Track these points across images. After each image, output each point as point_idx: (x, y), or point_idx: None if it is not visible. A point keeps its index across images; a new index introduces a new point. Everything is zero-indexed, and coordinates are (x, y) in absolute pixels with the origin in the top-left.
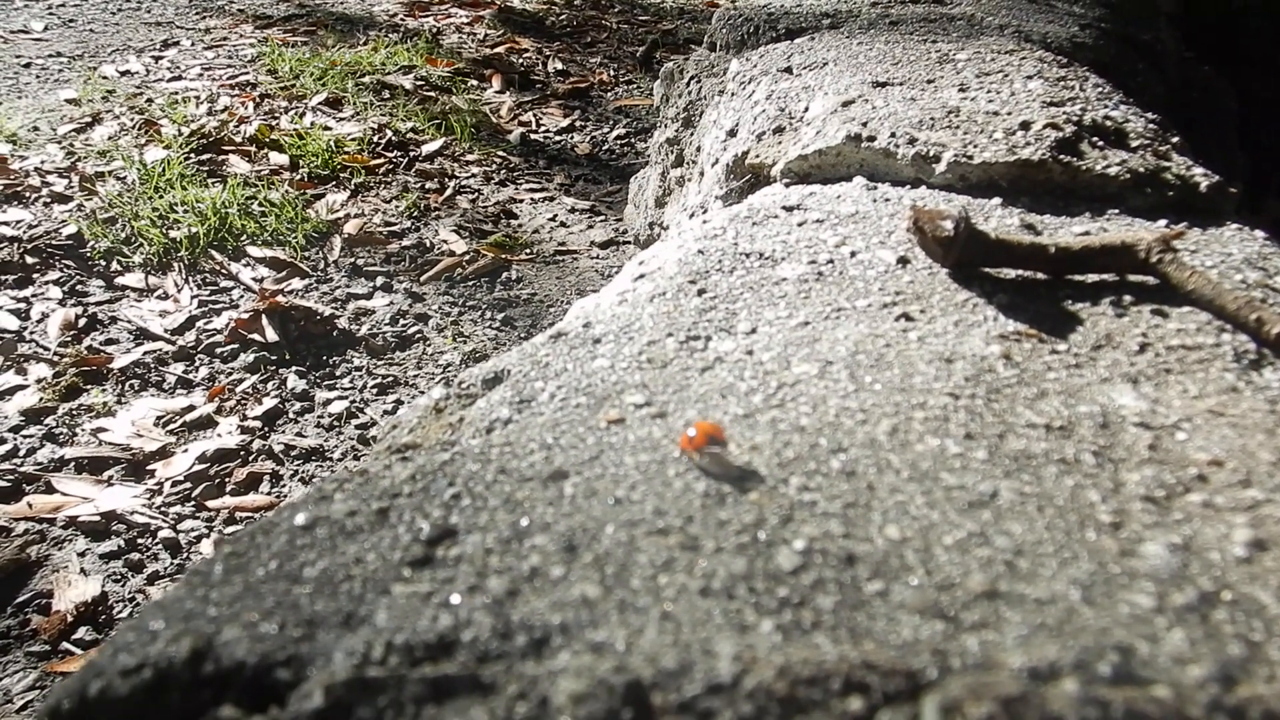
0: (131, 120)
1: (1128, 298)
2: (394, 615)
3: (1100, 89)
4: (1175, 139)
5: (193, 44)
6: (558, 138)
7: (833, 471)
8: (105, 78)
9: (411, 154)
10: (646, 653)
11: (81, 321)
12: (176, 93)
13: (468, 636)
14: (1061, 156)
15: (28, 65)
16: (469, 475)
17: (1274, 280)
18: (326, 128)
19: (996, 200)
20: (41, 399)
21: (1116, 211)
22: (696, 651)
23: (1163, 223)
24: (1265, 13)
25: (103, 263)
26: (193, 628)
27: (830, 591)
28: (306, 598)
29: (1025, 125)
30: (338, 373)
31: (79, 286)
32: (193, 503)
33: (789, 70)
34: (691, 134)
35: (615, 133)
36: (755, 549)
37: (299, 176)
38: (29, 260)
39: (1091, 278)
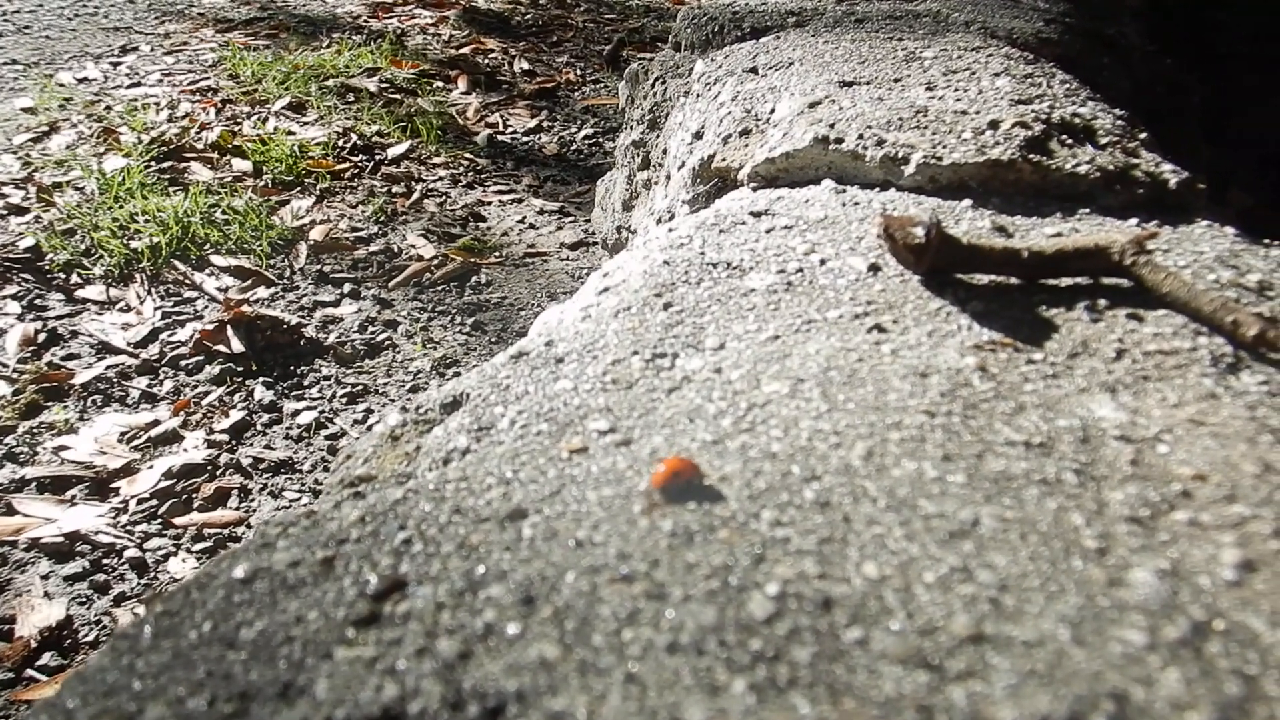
0: (90, 128)
1: (1102, 301)
2: (335, 685)
3: (1067, 85)
4: (1143, 135)
5: (152, 49)
6: (525, 138)
7: (806, 503)
8: (62, 85)
9: (377, 158)
10: None
11: (41, 336)
12: (136, 99)
13: (415, 709)
14: (1031, 155)
15: None
16: (422, 516)
17: (1246, 279)
18: (290, 132)
19: (967, 202)
20: (0, 417)
21: (1087, 211)
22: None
23: (1134, 221)
24: (1228, 6)
25: (62, 275)
26: (113, 707)
27: (806, 642)
28: (241, 665)
29: (994, 124)
30: (306, 382)
31: (38, 300)
32: (159, 520)
33: (754, 70)
34: (658, 136)
35: (583, 133)
36: (726, 595)
37: (263, 183)
38: None
39: (1065, 281)
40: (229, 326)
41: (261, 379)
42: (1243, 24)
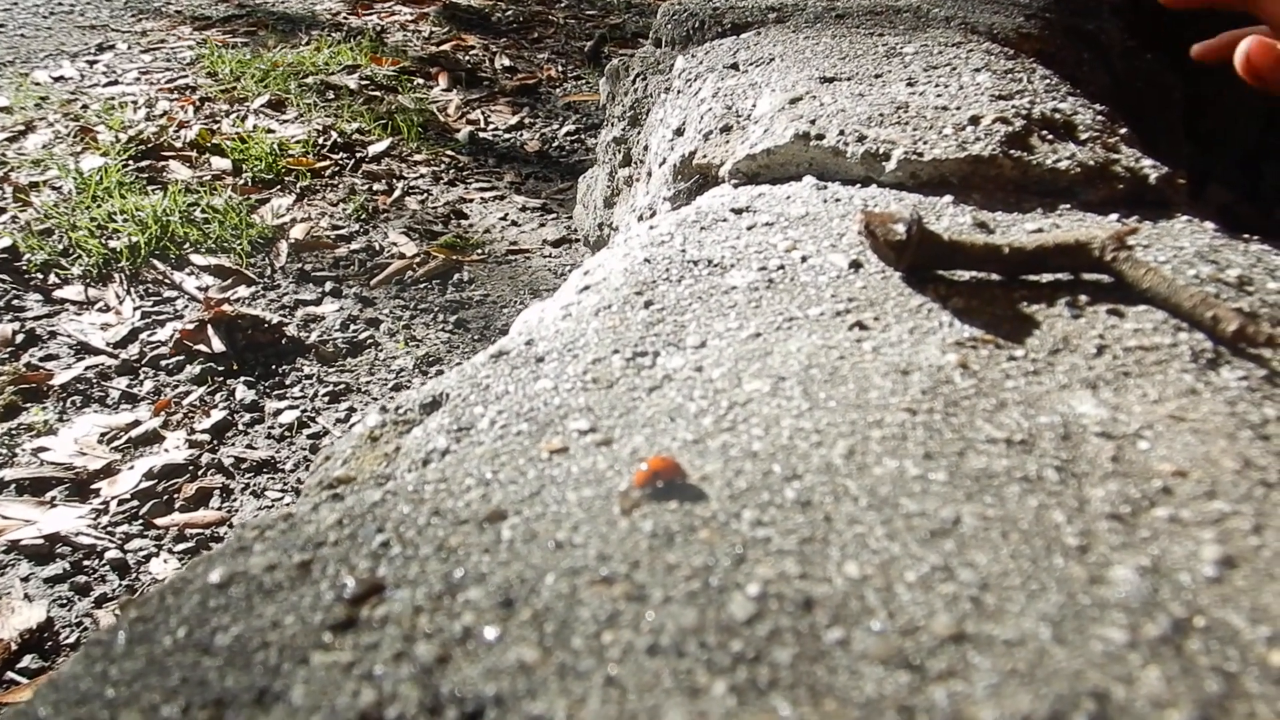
0: (66, 127)
1: (1083, 297)
2: (311, 691)
3: (1048, 81)
4: (1123, 130)
5: (129, 47)
6: (507, 135)
7: (787, 502)
8: (38, 84)
9: (358, 155)
10: None
11: (19, 337)
12: (113, 98)
13: (393, 714)
14: (1012, 151)
15: None
16: (400, 519)
17: (1226, 274)
18: (270, 130)
19: (948, 198)
20: None
21: (1068, 206)
22: None
23: (1114, 217)
24: None
25: (40, 276)
26: (86, 714)
27: (787, 643)
28: (216, 672)
29: (975, 120)
30: (288, 382)
31: (15, 301)
32: (140, 521)
33: (735, 67)
34: (638, 133)
35: (565, 129)
36: (707, 596)
37: (242, 181)
38: None
39: (1046, 277)
40: (209, 326)
41: (243, 378)
42: (1220, 22)
